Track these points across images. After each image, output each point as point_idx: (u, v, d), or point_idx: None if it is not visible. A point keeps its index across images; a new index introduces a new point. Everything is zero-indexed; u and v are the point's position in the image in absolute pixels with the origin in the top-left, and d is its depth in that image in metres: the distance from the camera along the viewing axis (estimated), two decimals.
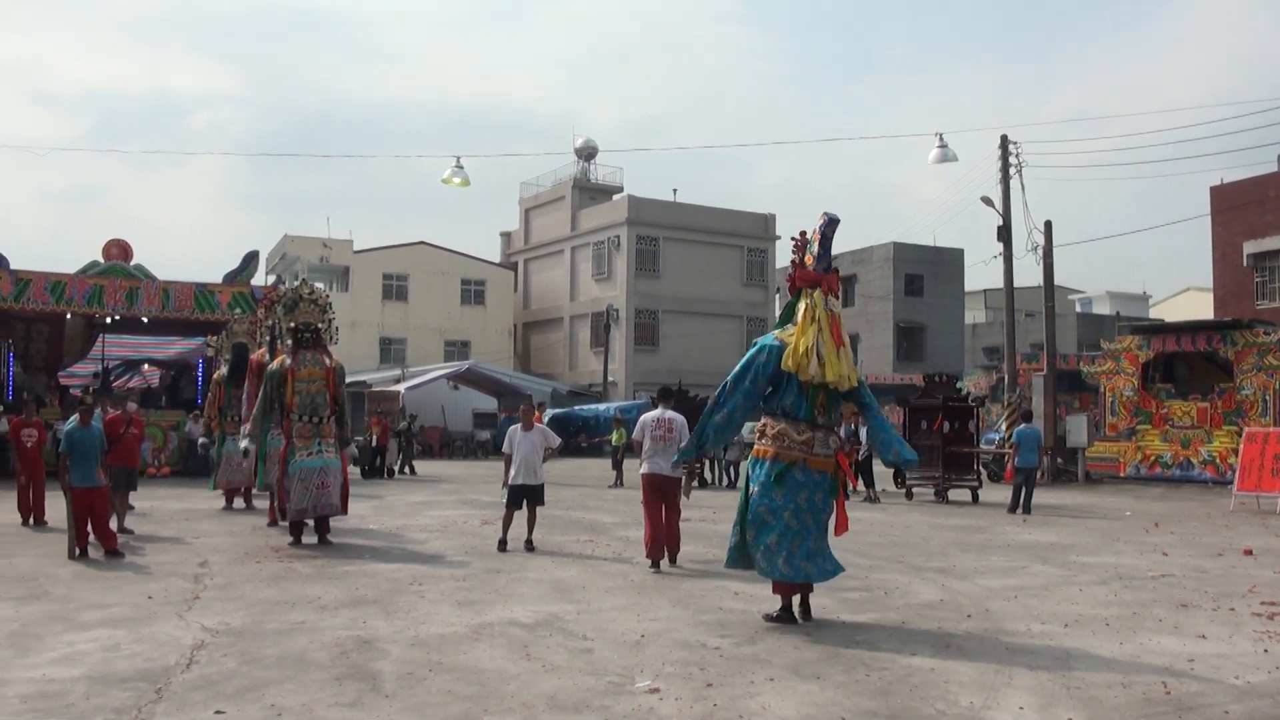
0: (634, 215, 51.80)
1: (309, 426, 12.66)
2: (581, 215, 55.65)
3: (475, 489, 22.67)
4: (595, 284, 53.77)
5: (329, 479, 12.53)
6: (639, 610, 8.54)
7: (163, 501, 18.24)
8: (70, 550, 11.32)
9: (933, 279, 58.16)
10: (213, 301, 25.96)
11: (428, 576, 10.15)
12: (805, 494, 8.00)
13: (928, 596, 9.37)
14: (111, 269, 25.64)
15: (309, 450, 12.57)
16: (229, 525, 14.83)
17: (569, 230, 55.92)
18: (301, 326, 13.00)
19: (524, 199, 60.82)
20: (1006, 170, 28.44)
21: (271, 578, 10.03)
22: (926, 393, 21.68)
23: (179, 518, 15.74)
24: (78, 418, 11.81)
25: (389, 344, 55.01)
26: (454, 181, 29.49)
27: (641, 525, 14.36)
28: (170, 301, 25.58)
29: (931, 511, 18.27)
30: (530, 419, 12.40)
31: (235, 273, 26.68)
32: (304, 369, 12.79)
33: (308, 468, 12.46)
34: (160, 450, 25.32)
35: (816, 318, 8.14)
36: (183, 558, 11.42)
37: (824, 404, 8.14)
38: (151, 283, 25.65)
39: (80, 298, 24.97)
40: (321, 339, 13.10)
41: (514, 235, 61.93)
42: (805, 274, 8.37)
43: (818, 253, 8.40)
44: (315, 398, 12.73)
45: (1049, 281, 28.20)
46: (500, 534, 12.32)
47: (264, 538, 13.28)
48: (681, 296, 52.26)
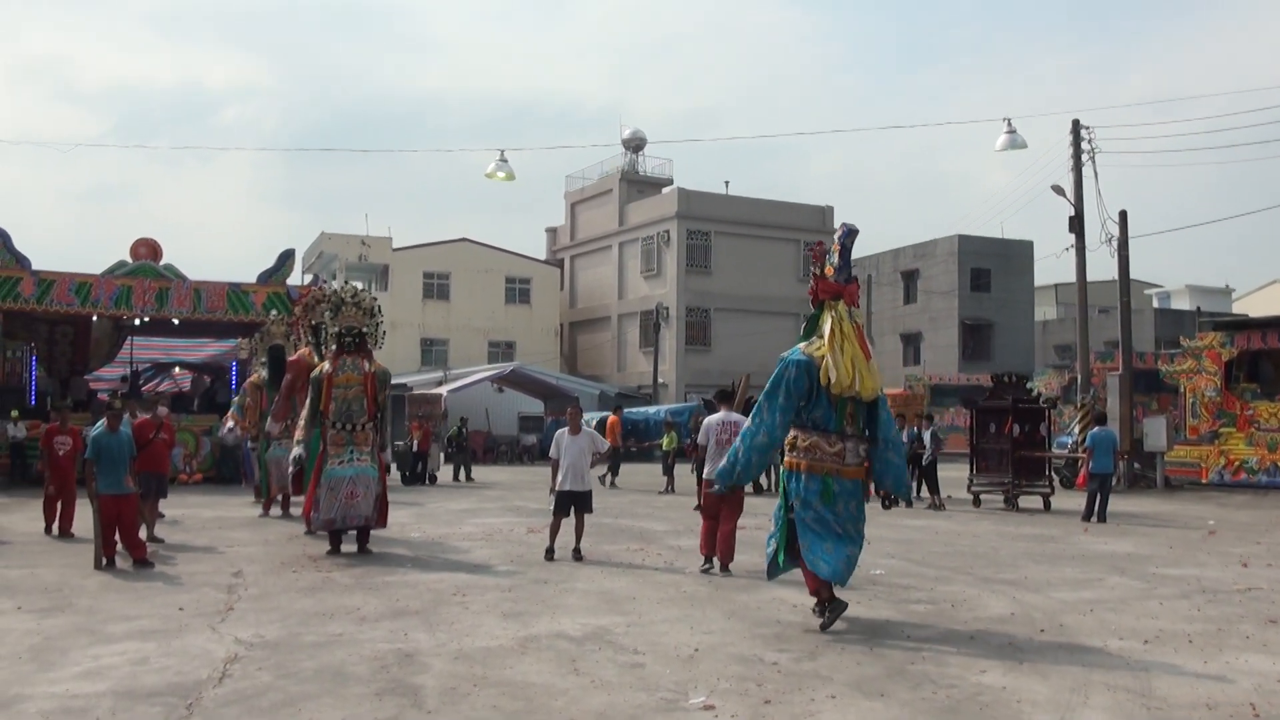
0: (684, 209, 51.78)
1: (343, 434, 12.77)
2: (630, 209, 55.71)
3: (521, 495, 22.75)
4: (644, 281, 53.80)
5: (359, 489, 12.60)
6: (692, 623, 8.50)
7: (195, 509, 18.48)
8: (96, 560, 11.42)
9: (1000, 273, 57.51)
10: (247, 302, 26.12)
11: (472, 587, 10.18)
12: (843, 503, 8.52)
13: (998, 610, 9.24)
14: (140, 269, 25.82)
15: (340, 458, 12.69)
16: (264, 534, 14.99)
17: (617, 225, 55.99)
18: (345, 331, 13.12)
19: (570, 193, 61.00)
20: (1078, 157, 28.07)
21: (309, 588, 10.11)
22: (995, 394, 21.44)
23: (211, 526, 15.93)
24: (105, 422, 11.90)
25: (430, 345, 55.42)
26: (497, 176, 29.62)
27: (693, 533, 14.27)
28: (202, 302, 25.76)
29: (1001, 520, 18.07)
30: (578, 421, 12.41)
31: (270, 272, 26.87)
32: (342, 374, 12.91)
33: (338, 476, 12.57)
34: (192, 456, 25.48)
35: (844, 330, 8.57)
36: (215, 567, 11.54)
37: (852, 415, 8.60)
38: (182, 283, 25.81)
39: (107, 299, 25.15)
40: (366, 344, 13.21)
41: (560, 231, 62.13)
42: (828, 285, 8.78)
43: (837, 264, 8.81)
44: (351, 404, 12.84)
45: (1124, 275, 27.78)
46: (547, 542, 12.34)
47: (301, 547, 13.40)
48: (734, 294, 52.15)
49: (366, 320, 13.29)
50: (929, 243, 58.45)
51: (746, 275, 52.43)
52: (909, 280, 59.18)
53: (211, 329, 28.23)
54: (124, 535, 11.67)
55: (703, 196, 52.86)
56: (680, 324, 51.05)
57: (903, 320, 58.88)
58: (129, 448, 11.92)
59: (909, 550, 13.47)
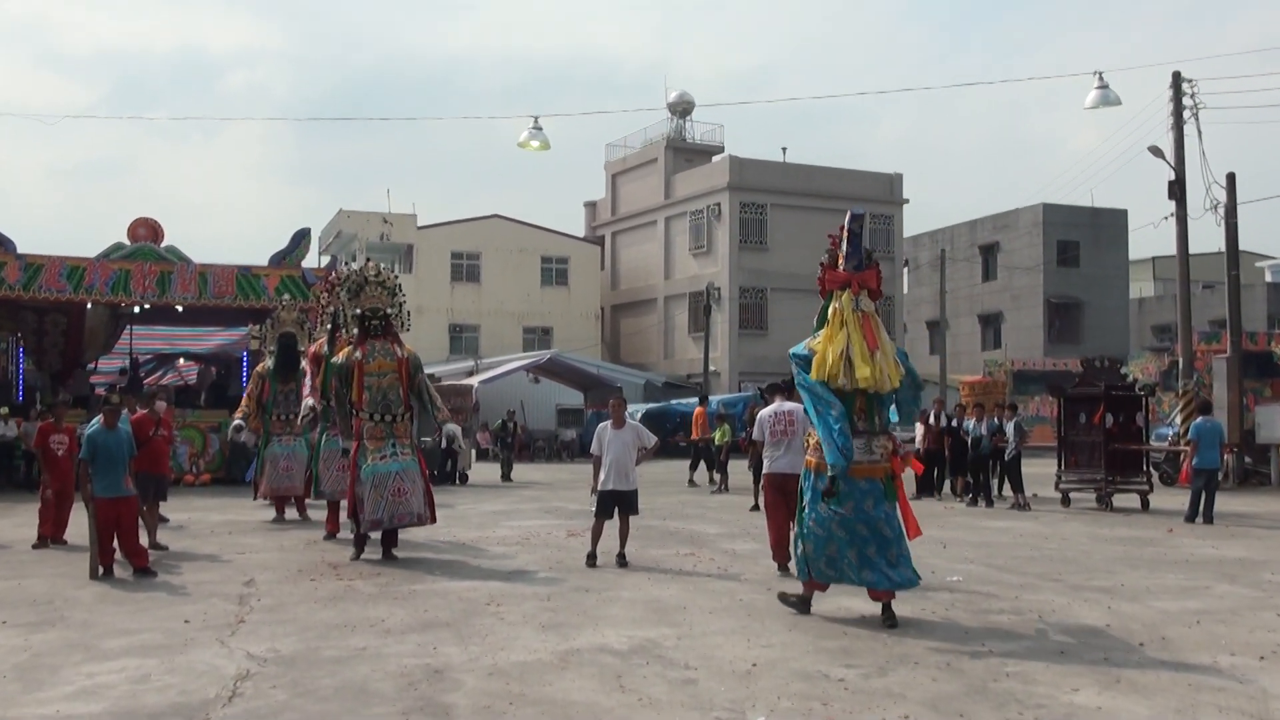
0: (737, 179, 51.67)
1: (381, 426, 12.79)
2: (676, 180, 55.67)
3: (559, 495, 22.84)
4: (693, 259, 53.76)
5: (406, 484, 12.65)
6: (749, 635, 8.48)
7: (202, 513, 18.67)
8: (92, 569, 11.50)
9: (1090, 246, 56.88)
10: (258, 286, 26.23)
11: (507, 596, 10.21)
12: (852, 503, 8.89)
13: (1091, 621, 9.14)
14: (139, 251, 25.98)
15: (381, 453, 12.70)
16: (279, 539, 15.11)
17: (662, 198, 55.98)
18: (368, 313, 13.11)
19: (611, 163, 61.05)
20: (1179, 114, 27.64)
21: (328, 598, 10.17)
22: (1085, 380, 21.22)
23: (220, 531, 16.08)
24: (101, 419, 11.94)
25: (459, 331, 55.75)
26: (531, 145, 29.68)
27: (749, 536, 14.24)
28: (208, 287, 25.86)
29: (1093, 520, 17.89)
30: (621, 414, 12.42)
31: (284, 253, 27.03)
32: (374, 361, 12.90)
33: (382, 472, 12.60)
34: (199, 455, 25.71)
35: (845, 321, 9.08)
36: (225, 576, 11.63)
37: (864, 409, 9.04)
38: (186, 266, 25.92)
39: (103, 284, 25.17)
40: (392, 326, 13.23)
41: (600, 205, 62.19)
42: (835, 276, 9.40)
43: (847, 251, 9.40)
44: (387, 393, 12.86)
45: (1232, 245, 27.34)
46: (589, 547, 12.36)
47: (319, 552, 13.50)
48: (793, 272, 51.85)
49: (391, 300, 13.31)
50: (1010, 213, 57.89)
51: (807, 251, 51.93)
52: (988, 255, 58.70)
53: (219, 316, 28.46)
54: (123, 541, 11.74)
55: (757, 165, 52.72)
56: (733, 306, 50.98)
57: (981, 299, 58.43)
58: (128, 446, 11.97)
59: (990, 554, 13.36)
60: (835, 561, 8.97)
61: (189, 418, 25.86)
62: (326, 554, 13.32)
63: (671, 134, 57.27)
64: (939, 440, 22.19)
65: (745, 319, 51.55)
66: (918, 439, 23.05)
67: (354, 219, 55.46)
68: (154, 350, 34.40)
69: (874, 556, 8.86)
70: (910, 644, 8.19)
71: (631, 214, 58.49)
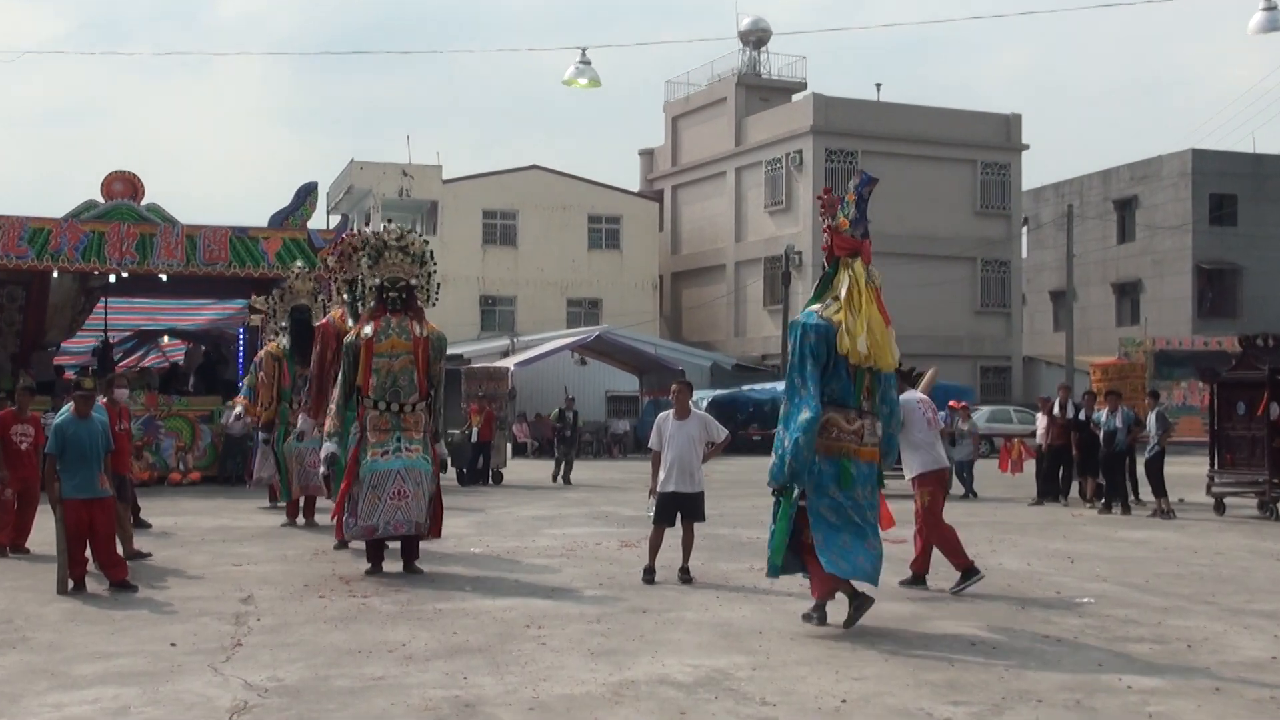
0: (822, 122, 51.44)
1: (387, 416, 12.72)
2: (750, 124, 55.49)
3: (611, 499, 22.91)
4: (769, 218, 53.61)
5: (409, 487, 12.55)
6: (838, 665, 8.46)
7: (191, 516, 18.82)
8: (61, 582, 11.57)
9: (1251, 200, 56.04)
10: (256, 251, 26.34)
11: (550, 617, 10.24)
12: (861, 489, 9.75)
13: (1254, 652, 9.04)
14: (115, 211, 26.09)
15: (385, 448, 12.62)
16: (282, 547, 15.23)
17: (732, 145, 55.84)
18: (387, 284, 13.08)
19: (671, 104, 60.94)
20: None
21: (340, 618, 10.24)
22: (1245, 363, 20.90)
23: (213, 538, 16.20)
24: (72, 407, 12.00)
25: (492, 304, 55.99)
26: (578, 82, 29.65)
27: None
28: (198, 252, 25.96)
29: (1254, 531, 17.69)
30: (685, 403, 12.39)
31: (286, 212, 27.15)
32: (385, 340, 12.84)
33: (382, 471, 12.52)
34: (187, 450, 25.86)
35: (862, 292, 9.84)
36: (219, 591, 11.71)
37: (869, 389, 9.89)
38: (171, 228, 26.04)
39: (72, 249, 25.25)
40: (415, 300, 13.21)
41: (658, 154, 62.13)
42: (845, 241, 10.04)
43: (854, 216, 10.05)
44: (398, 378, 12.80)
45: None
46: (646, 560, 12.37)
47: (329, 564, 13.60)
48: (890, 232, 51.29)
49: (416, 270, 13.26)
50: (1152, 161, 57.14)
51: (906, 208, 51.79)
52: (1124, 211, 57.97)
53: (211, 287, 28.61)
54: (97, 550, 11.82)
55: (846, 105, 52.46)
56: (817, 273, 50.52)
57: (1115, 265, 57.78)
58: (103, 439, 12.04)
59: (1126, 571, 13.24)
60: (848, 551, 9.59)
61: (175, 406, 26.08)
62: (337, 566, 13.41)
63: (743, 68, 57.05)
64: (1064, 435, 21.98)
65: None
66: (1039, 432, 22.85)
67: (369, 172, 55.78)
68: (132, 326, 34.43)
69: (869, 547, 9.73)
70: (1031, 678, 8.12)
71: (696, 164, 58.38)
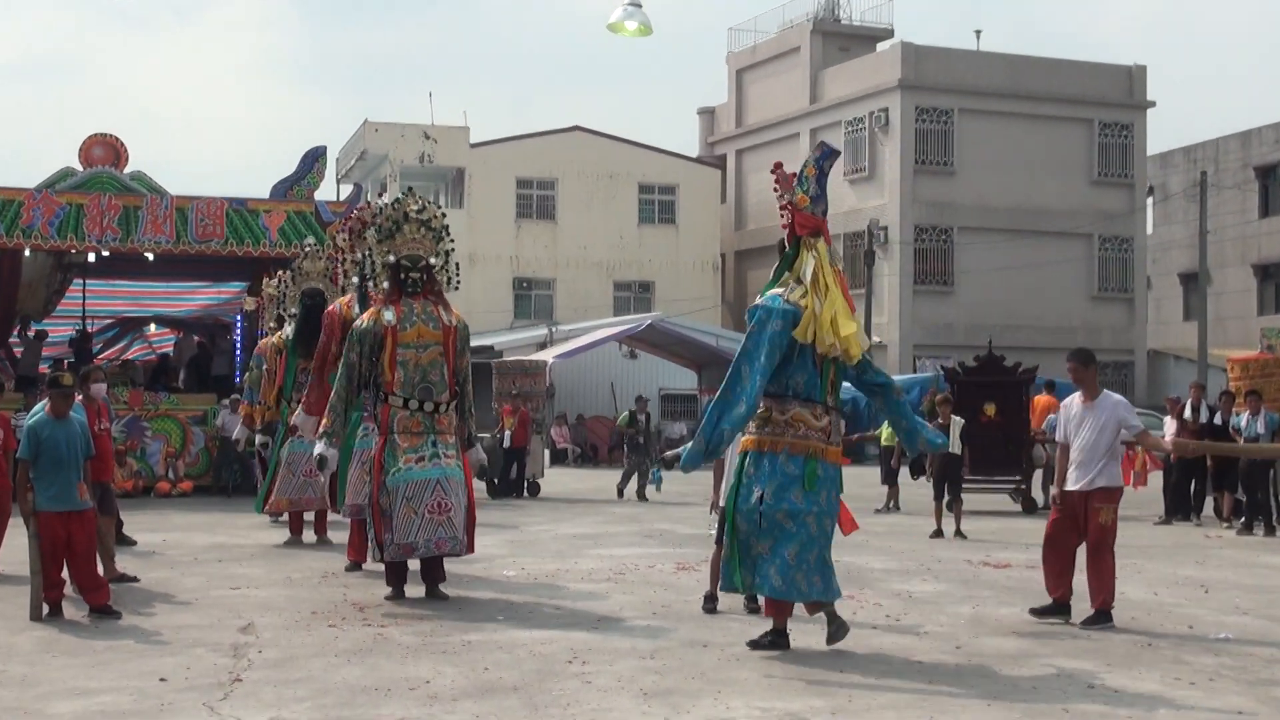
0: (911, 75, 51.25)
1: (418, 418, 12.63)
2: (826, 78, 55.30)
3: (665, 514, 22.90)
4: (849, 187, 53.41)
5: (450, 499, 12.48)
6: (932, 710, 8.44)
7: (182, 533, 18.91)
8: (34, 608, 11.60)
9: None
10: (256, 226, 26.30)
11: (595, 651, 10.23)
12: (825, 493, 10.18)
13: None
14: (95, 180, 26.15)
15: (419, 453, 12.56)
16: (287, 568, 15.26)
17: (807, 103, 55.68)
18: (406, 263, 13.00)
19: (735, 54, 60.83)
20: None
21: (353, 650, 10.26)
22: None
23: (208, 557, 16.28)
24: (48, 405, 11.97)
25: (527, 288, 56.07)
26: (626, 28, 29.46)
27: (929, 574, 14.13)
28: (189, 228, 25.90)
29: None
30: None
31: (291, 181, 27.18)
32: (411, 328, 12.70)
33: (417, 480, 12.44)
34: (177, 455, 25.91)
35: (826, 276, 10.30)
36: (214, 619, 11.73)
37: (834, 382, 10.34)
38: (159, 199, 26.05)
39: (45, 223, 25.20)
40: (436, 282, 13.14)
41: (720, 114, 62.03)
42: (807, 219, 10.47)
43: (814, 192, 10.51)
44: (428, 372, 12.69)
45: None
46: (707, 586, 12.33)
47: (341, 588, 13.64)
48: (990, 204, 51.41)
49: (434, 246, 13.17)
50: None
51: (1010, 176, 51.60)
52: (1267, 180, 57.30)
53: (204, 268, 28.71)
54: (75, 570, 11.85)
55: (940, 55, 52.27)
56: (905, 252, 50.63)
57: (1256, 243, 57.21)
58: (83, 443, 12.04)
59: (1271, 603, 13.15)
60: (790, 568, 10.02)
61: (163, 404, 26.22)
62: (350, 590, 13.44)
63: (820, 13, 56.83)
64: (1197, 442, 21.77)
65: (923, 270, 51.25)
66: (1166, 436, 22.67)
67: (384, 134, 55.95)
68: (113, 313, 34.63)
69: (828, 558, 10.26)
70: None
71: (764, 124, 58.27)
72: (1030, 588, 13.59)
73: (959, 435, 19.40)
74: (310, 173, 27.46)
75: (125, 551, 15.46)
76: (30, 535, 11.70)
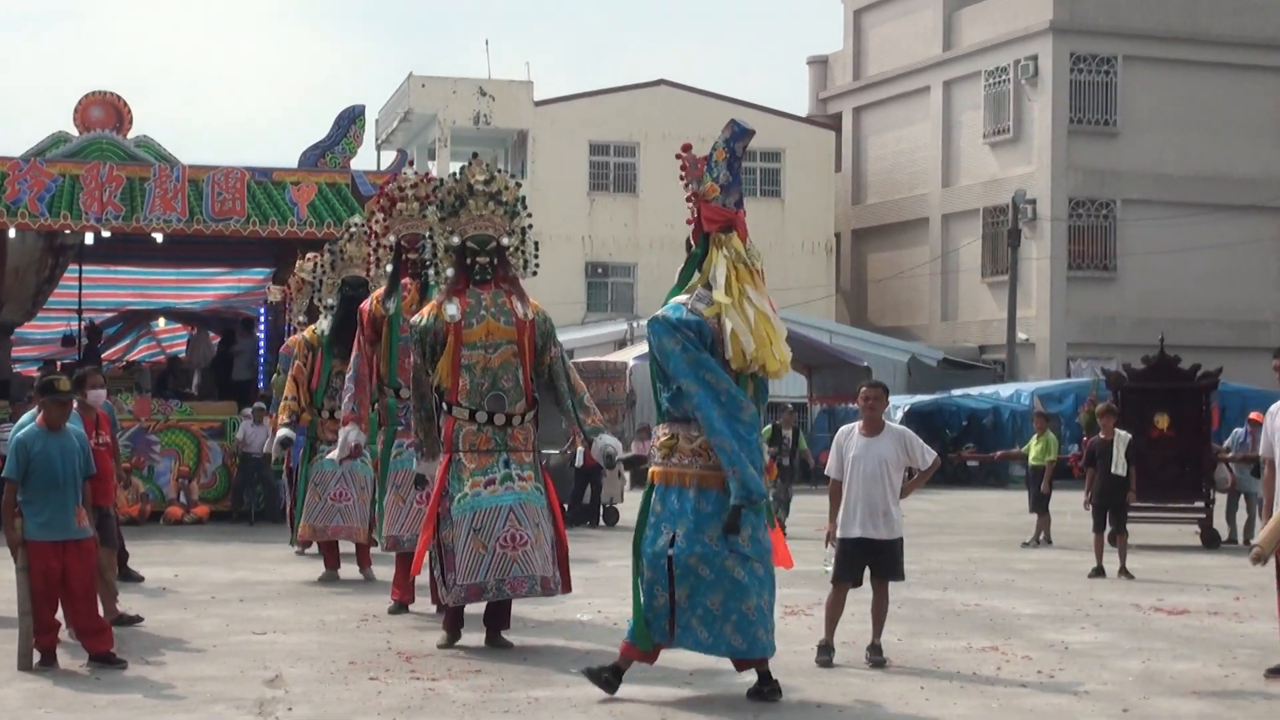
0: (1066, 16, 50.95)
1: (487, 433, 12.57)
2: (963, 19, 55.08)
3: None
4: (990, 152, 53.23)
5: (526, 530, 12.37)
6: None
7: (197, 566, 19.11)
8: (23, 656, 11.67)
9: None
10: (282, 201, 26.34)
11: (688, 711, 10.27)
12: (749, 529, 10.35)
13: None
14: (93, 146, 26.43)
15: (489, 475, 12.50)
16: (320, 609, 15.36)
17: (939, 50, 55.47)
18: (473, 245, 13.01)
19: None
20: None
21: (400, 708, 10.31)
22: None
23: (228, 596, 16.41)
24: (40, 416, 12.01)
25: (603, 274, 56.16)
26: None
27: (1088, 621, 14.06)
28: (204, 203, 25.93)
29: None
30: (878, 413, 12.40)
31: (324, 147, 27.38)
32: (478, 324, 12.63)
33: (486, 508, 12.39)
34: (191, 475, 26.04)
35: (741, 278, 10.64)
36: (235, 669, 11.82)
37: (754, 398, 10.65)
38: (169, 170, 26.12)
39: (33, 199, 25.26)
40: (509, 267, 13.13)
41: (834, 63, 61.98)
42: (715, 212, 10.76)
43: (725, 180, 10.74)
44: (499, 377, 12.60)
45: None
46: (822, 634, 12.34)
47: (384, 634, 13.74)
48: (1163, 172, 50.99)
49: (506, 224, 13.16)
50: None
51: (1188, 138, 51.16)
52: None
53: (221, 251, 29.00)
54: (72, 611, 11.93)
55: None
56: (1058, 230, 50.27)
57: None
58: (82, 460, 12.07)
59: None
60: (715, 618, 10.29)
61: (174, 414, 26.37)
62: (395, 637, 13.52)
63: None
64: None
65: (1079, 252, 50.94)
66: None
67: (432, 90, 56.01)
68: (115, 305, 34.80)
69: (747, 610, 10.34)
70: None
71: (887, 76, 58.14)
72: (1213, 638, 13.53)
73: (1124, 453, 19.21)
74: (346, 137, 27.56)
75: (130, 589, 15.62)
76: (18, 569, 11.75)
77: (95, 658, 11.79)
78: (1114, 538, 18.99)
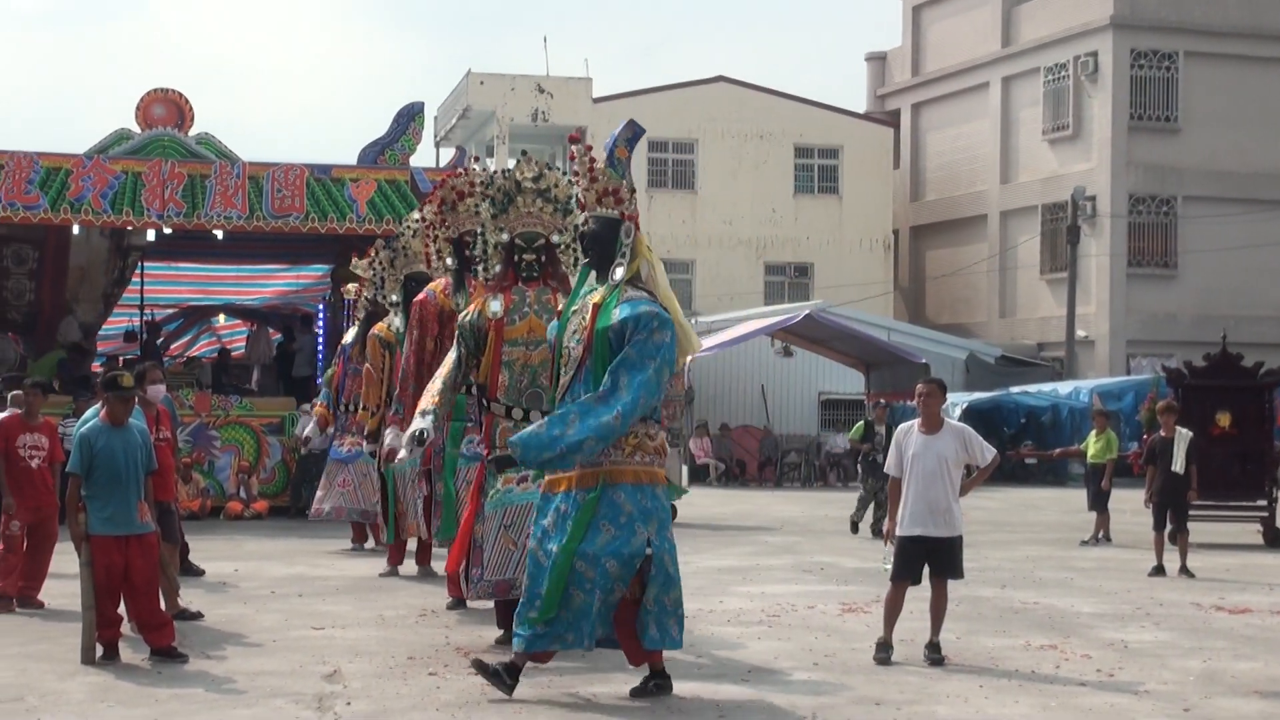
0: (1127, 11, 50.71)
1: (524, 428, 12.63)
2: (1022, 14, 54.86)
3: (828, 545, 22.88)
4: (1049, 148, 53.02)
5: None
6: None
7: (257, 561, 19.19)
8: (86, 649, 11.74)
9: None
10: (341, 198, 26.32)
11: (746, 709, 10.24)
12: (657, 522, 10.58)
13: None
14: (155, 144, 26.47)
15: (520, 471, 12.58)
16: (378, 605, 15.38)
17: (999, 45, 55.24)
18: (520, 242, 13.01)
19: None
20: None
21: (458, 704, 10.32)
22: None
23: (286, 590, 16.48)
24: (104, 411, 12.09)
25: None
26: None
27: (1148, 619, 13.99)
28: (264, 200, 25.97)
29: None
30: (936, 410, 12.33)
31: (383, 144, 27.31)
32: (520, 321, 12.65)
33: (518, 504, 12.38)
34: (251, 471, 26.12)
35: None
36: (295, 664, 11.86)
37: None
38: (229, 167, 26.17)
39: (97, 196, 25.26)
40: (559, 265, 13.09)
41: (893, 60, 61.77)
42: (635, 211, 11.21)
43: (631, 181, 11.31)
44: (538, 375, 12.51)
45: None
46: (881, 632, 12.31)
47: (442, 629, 13.75)
48: (1223, 169, 50.65)
49: (559, 222, 13.12)
50: None
51: (1249, 135, 50.83)
52: None
53: (281, 247, 29.18)
54: (134, 605, 11.98)
55: None
56: (1118, 227, 50.00)
57: None
58: (145, 455, 12.14)
59: None
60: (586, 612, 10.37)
61: (234, 410, 26.45)
62: (453, 632, 13.54)
63: None
64: None
65: (1139, 249, 50.60)
66: None
67: (490, 88, 56.06)
68: (176, 301, 35.10)
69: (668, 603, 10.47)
70: None
71: (946, 73, 57.94)
72: (1276, 637, 13.48)
73: (1185, 451, 19.07)
74: (405, 134, 27.53)
75: (190, 583, 15.67)
76: (82, 564, 11.82)
77: (157, 652, 11.83)
78: (1175, 536, 18.87)
